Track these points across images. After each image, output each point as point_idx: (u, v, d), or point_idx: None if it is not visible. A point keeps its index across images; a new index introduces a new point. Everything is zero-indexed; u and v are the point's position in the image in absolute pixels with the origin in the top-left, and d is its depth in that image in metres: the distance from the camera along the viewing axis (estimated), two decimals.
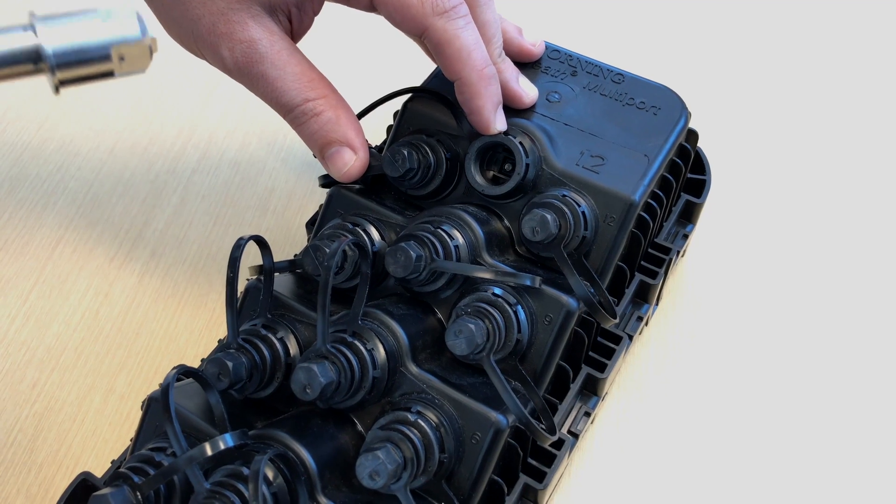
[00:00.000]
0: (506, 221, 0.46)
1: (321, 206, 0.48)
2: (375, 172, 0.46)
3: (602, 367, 0.47)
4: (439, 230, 0.43)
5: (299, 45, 0.46)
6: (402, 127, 0.49)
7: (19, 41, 0.25)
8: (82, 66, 0.26)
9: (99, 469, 0.47)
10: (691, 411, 0.52)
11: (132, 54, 0.27)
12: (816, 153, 0.66)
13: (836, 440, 0.51)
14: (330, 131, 0.44)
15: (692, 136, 0.52)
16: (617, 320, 0.44)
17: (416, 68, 0.57)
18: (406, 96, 0.49)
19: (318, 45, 0.53)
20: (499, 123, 0.45)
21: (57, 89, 0.26)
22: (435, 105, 0.48)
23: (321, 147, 0.44)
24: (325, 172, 0.47)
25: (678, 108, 0.48)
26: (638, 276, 0.49)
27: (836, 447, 0.50)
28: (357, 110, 0.47)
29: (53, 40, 0.25)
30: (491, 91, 0.44)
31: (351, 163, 0.44)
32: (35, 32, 0.25)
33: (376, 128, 0.57)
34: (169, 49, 0.73)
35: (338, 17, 0.59)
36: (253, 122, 0.67)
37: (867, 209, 0.62)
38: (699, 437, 0.51)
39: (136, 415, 0.50)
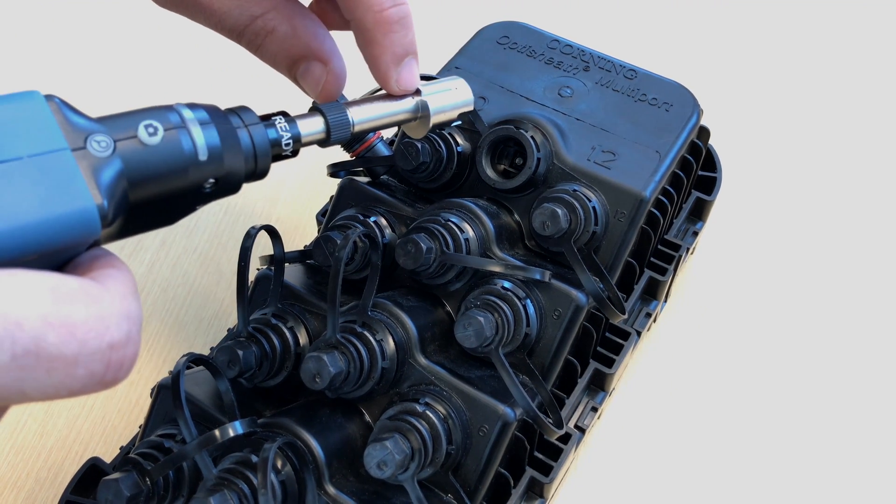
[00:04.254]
0: (516, 215, 0.46)
1: (332, 197, 0.48)
2: (388, 164, 0.46)
3: (610, 363, 0.47)
4: (450, 223, 0.43)
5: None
6: None
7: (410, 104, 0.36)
8: (443, 120, 0.37)
9: (108, 455, 0.48)
10: (699, 408, 0.52)
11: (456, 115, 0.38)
12: (829, 151, 0.66)
13: (841, 438, 0.51)
14: (290, 47, 0.37)
15: (704, 133, 0.52)
16: (626, 316, 0.44)
17: (433, 60, 0.58)
18: None
19: None
20: (404, 80, 0.36)
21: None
22: None
23: (288, 68, 0.38)
24: (335, 161, 0.47)
25: (690, 104, 0.49)
26: (647, 273, 0.50)
27: (841, 445, 0.51)
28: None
29: (434, 102, 0.36)
30: (393, 39, 0.35)
31: (324, 77, 0.37)
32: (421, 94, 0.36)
33: None
34: (184, 32, 0.73)
35: None
36: (266, 109, 0.67)
37: (880, 208, 0.62)
38: (706, 435, 0.51)
39: (145, 402, 0.51)
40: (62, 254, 0.24)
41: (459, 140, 0.47)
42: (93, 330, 0.22)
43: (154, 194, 0.26)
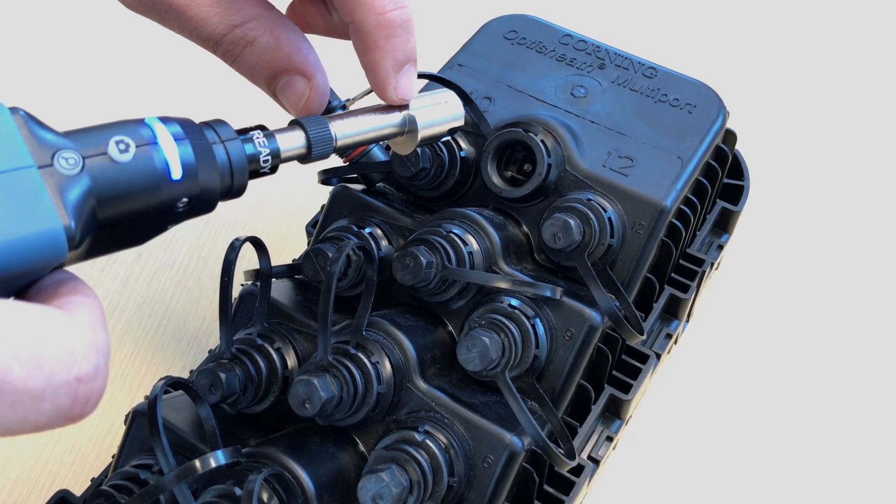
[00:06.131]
0: (524, 227, 0.46)
1: (323, 206, 0.48)
2: (384, 171, 0.46)
3: (627, 388, 0.47)
4: (452, 235, 0.43)
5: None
6: None
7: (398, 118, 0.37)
8: (431, 134, 0.38)
9: (78, 487, 0.48)
10: (723, 438, 0.52)
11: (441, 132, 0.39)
12: (866, 159, 0.66)
13: (886, 474, 0.51)
14: (271, 59, 0.37)
15: (730, 137, 0.52)
16: (644, 337, 0.44)
17: (433, 57, 0.58)
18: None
19: None
20: (402, 89, 0.37)
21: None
22: None
23: (268, 81, 0.38)
24: (325, 168, 0.48)
25: (715, 106, 0.49)
26: (668, 290, 0.50)
27: (885, 481, 0.51)
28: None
29: (423, 117, 0.37)
30: (395, 44, 0.36)
31: (306, 93, 0.37)
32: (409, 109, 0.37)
33: None
34: (166, 41, 0.73)
35: None
36: (249, 111, 0.67)
37: None
38: (731, 467, 0.51)
39: (118, 429, 0.51)
40: (25, 278, 0.24)
41: (463, 144, 0.47)
42: (60, 363, 0.22)
43: (124, 214, 0.26)
